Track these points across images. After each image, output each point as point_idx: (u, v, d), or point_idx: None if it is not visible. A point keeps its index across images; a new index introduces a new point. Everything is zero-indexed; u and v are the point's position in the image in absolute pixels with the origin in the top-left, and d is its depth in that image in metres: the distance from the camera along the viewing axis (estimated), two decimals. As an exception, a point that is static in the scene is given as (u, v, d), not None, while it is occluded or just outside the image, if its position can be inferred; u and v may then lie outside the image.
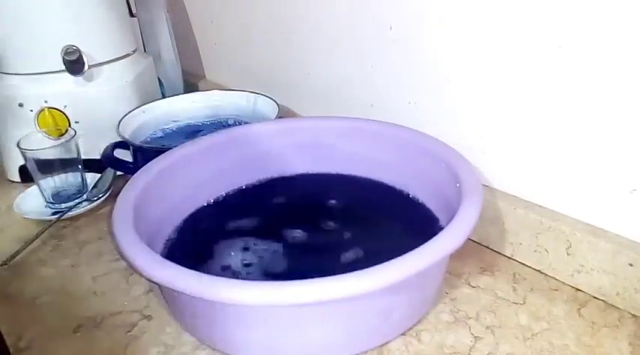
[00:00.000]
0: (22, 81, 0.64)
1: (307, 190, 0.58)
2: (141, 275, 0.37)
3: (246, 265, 0.46)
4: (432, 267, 0.37)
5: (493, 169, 0.51)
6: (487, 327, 0.43)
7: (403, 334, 0.43)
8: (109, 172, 0.65)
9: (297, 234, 0.50)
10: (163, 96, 0.75)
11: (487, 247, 0.53)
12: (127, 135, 0.62)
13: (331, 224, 0.51)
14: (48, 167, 0.60)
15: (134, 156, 0.61)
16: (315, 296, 0.34)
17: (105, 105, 0.66)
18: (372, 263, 0.35)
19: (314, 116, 0.69)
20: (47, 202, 0.62)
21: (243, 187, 0.58)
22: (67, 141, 0.61)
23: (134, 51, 0.71)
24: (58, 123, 0.65)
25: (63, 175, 0.62)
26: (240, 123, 0.68)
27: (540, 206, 0.48)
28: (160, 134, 0.69)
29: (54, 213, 0.61)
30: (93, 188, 0.64)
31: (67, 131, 0.62)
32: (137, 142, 0.63)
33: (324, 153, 0.58)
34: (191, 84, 0.89)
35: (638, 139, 0.41)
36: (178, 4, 0.87)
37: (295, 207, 0.54)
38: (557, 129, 0.45)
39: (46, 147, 0.60)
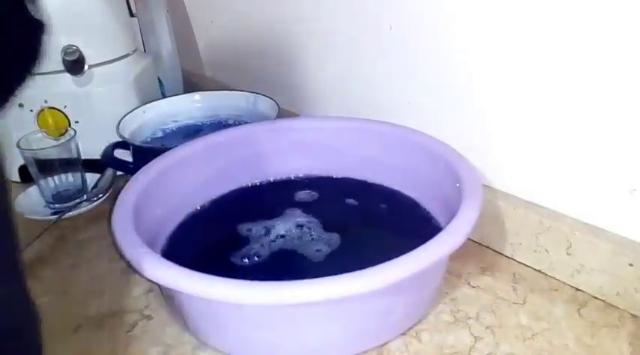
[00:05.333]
0: (22, 81, 0.65)
1: (306, 190, 0.57)
2: (141, 275, 0.37)
3: (246, 264, 0.47)
4: (431, 267, 0.37)
5: (493, 169, 0.51)
6: (487, 327, 0.43)
7: (403, 334, 0.43)
8: (109, 172, 0.65)
9: (297, 234, 0.50)
10: (163, 96, 0.75)
11: (487, 247, 0.53)
12: (127, 135, 0.62)
13: (331, 224, 0.51)
14: (48, 167, 0.60)
15: (134, 156, 0.61)
16: (315, 297, 0.34)
17: (105, 105, 0.66)
18: (372, 263, 0.35)
19: (314, 116, 0.69)
20: (47, 202, 0.62)
21: (243, 187, 0.58)
22: (67, 141, 0.61)
23: (134, 51, 0.71)
24: (58, 123, 0.65)
25: (63, 175, 0.62)
26: (240, 123, 0.68)
27: (540, 206, 0.48)
28: (159, 134, 0.69)
29: (54, 213, 0.61)
30: (93, 188, 0.64)
31: (67, 131, 0.62)
32: (137, 142, 0.63)
33: (323, 154, 0.58)
34: (191, 84, 0.89)
35: (638, 139, 0.41)
36: (178, 4, 0.87)
37: (294, 207, 0.54)
38: (557, 129, 0.45)
39: (46, 147, 0.60)
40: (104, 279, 0.51)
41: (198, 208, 0.55)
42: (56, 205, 0.62)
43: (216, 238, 0.51)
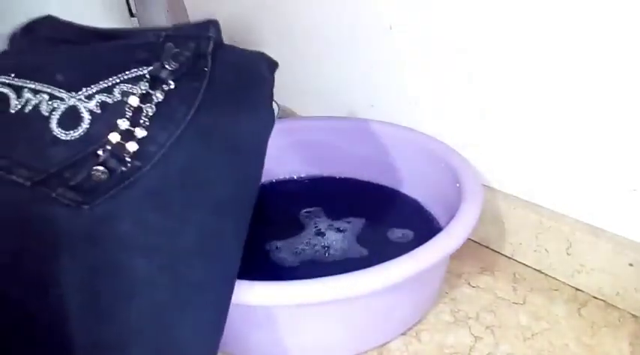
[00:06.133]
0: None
1: (306, 191, 0.57)
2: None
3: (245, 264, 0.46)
4: (432, 267, 0.37)
5: (493, 169, 0.51)
6: (487, 327, 0.43)
7: (403, 334, 0.43)
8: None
9: (296, 235, 0.50)
10: (163, 97, 0.75)
11: (487, 247, 0.53)
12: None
13: (331, 224, 0.51)
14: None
15: (134, 156, 0.61)
16: (315, 297, 0.34)
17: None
18: (372, 263, 0.35)
19: (314, 116, 0.69)
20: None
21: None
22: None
23: (134, 51, 0.71)
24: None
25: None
26: (240, 123, 0.68)
27: (540, 206, 0.48)
28: (160, 134, 0.68)
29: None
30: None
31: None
32: (137, 142, 0.63)
33: (323, 154, 0.58)
34: (191, 84, 0.89)
35: (638, 139, 0.41)
36: (178, 4, 0.87)
37: (294, 208, 0.54)
38: (558, 129, 0.45)
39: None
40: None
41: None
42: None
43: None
